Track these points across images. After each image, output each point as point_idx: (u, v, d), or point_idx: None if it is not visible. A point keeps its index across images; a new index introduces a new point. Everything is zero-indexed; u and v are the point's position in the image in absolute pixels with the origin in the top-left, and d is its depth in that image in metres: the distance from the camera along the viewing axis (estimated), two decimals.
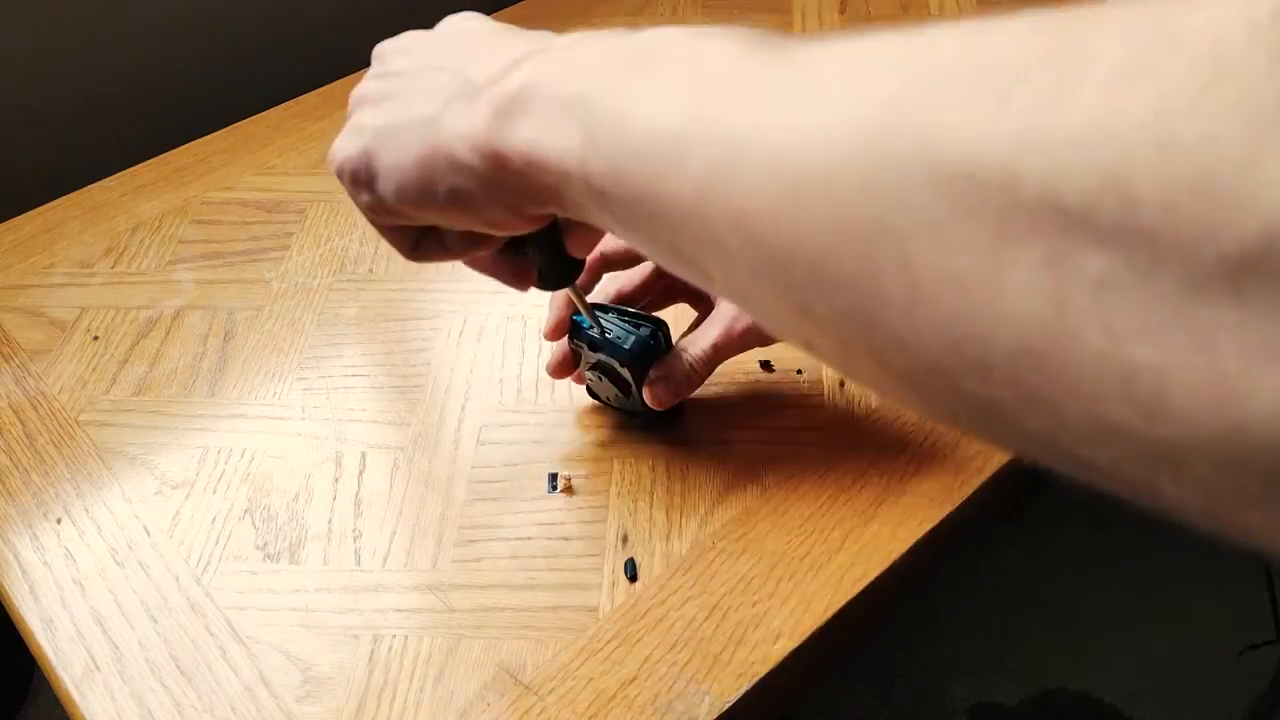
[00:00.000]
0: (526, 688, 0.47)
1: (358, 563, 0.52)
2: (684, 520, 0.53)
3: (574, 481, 0.55)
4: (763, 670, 0.47)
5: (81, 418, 0.61)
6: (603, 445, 0.57)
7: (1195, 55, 0.15)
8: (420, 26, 0.40)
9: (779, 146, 0.21)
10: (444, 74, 0.33)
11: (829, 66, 0.21)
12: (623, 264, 0.55)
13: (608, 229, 0.28)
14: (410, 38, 0.39)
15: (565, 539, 0.53)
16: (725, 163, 0.22)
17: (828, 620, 0.48)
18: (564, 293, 0.55)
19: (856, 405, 0.58)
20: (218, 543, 0.54)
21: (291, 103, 0.87)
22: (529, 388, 0.61)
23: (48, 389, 0.63)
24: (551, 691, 0.47)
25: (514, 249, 0.42)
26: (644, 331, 0.53)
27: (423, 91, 0.33)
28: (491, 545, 0.53)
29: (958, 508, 0.53)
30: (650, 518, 0.54)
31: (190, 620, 0.50)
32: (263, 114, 0.86)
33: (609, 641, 0.48)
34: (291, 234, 0.74)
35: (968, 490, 0.53)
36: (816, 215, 0.20)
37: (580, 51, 0.28)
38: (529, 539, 0.53)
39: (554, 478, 0.56)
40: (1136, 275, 0.15)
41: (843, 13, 0.94)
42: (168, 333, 0.66)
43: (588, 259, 0.45)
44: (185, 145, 0.83)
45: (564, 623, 0.49)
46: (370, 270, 0.70)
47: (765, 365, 0.61)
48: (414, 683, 0.47)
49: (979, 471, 0.54)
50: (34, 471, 0.58)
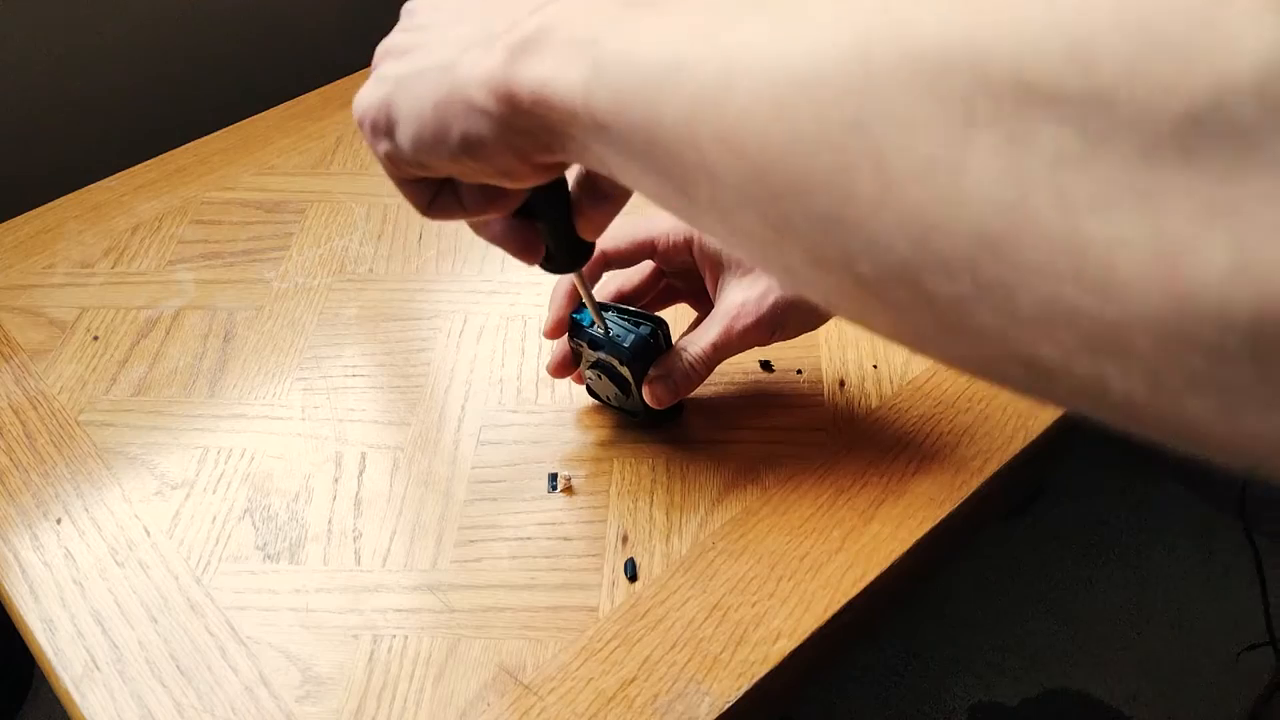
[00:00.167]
0: (526, 688, 0.47)
1: (358, 563, 0.53)
2: (684, 520, 0.53)
3: (574, 481, 0.55)
4: (762, 670, 0.47)
5: (81, 418, 0.61)
6: (603, 445, 0.57)
7: None
8: None
9: (769, 64, 0.21)
10: (467, 25, 0.34)
11: None
12: (623, 263, 0.55)
13: (608, 169, 0.29)
14: None
15: (565, 539, 0.53)
16: (717, 83, 0.23)
17: (828, 620, 0.48)
18: (564, 291, 0.55)
19: (856, 405, 0.58)
20: (218, 543, 0.54)
21: (291, 103, 0.87)
22: (529, 387, 0.61)
23: (48, 389, 0.63)
24: (551, 691, 0.47)
25: (525, 220, 0.42)
26: (644, 330, 0.53)
27: (445, 42, 0.34)
28: (491, 545, 0.53)
29: (958, 508, 0.53)
30: (650, 518, 0.54)
31: (190, 620, 0.50)
32: (262, 114, 0.86)
33: (609, 641, 0.48)
34: (291, 234, 0.74)
35: (968, 490, 0.53)
36: (800, 124, 0.21)
37: None
38: (529, 539, 0.53)
39: (554, 478, 0.56)
40: (1092, 146, 0.16)
41: None
42: (168, 333, 0.67)
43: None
44: (185, 145, 0.83)
45: (564, 623, 0.49)
46: (370, 270, 0.70)
47: (765, 365, 0.61)
48: (414, 683, 0.47)
49: (979, 471, 0.54)
50: (34, 471, 0.58)
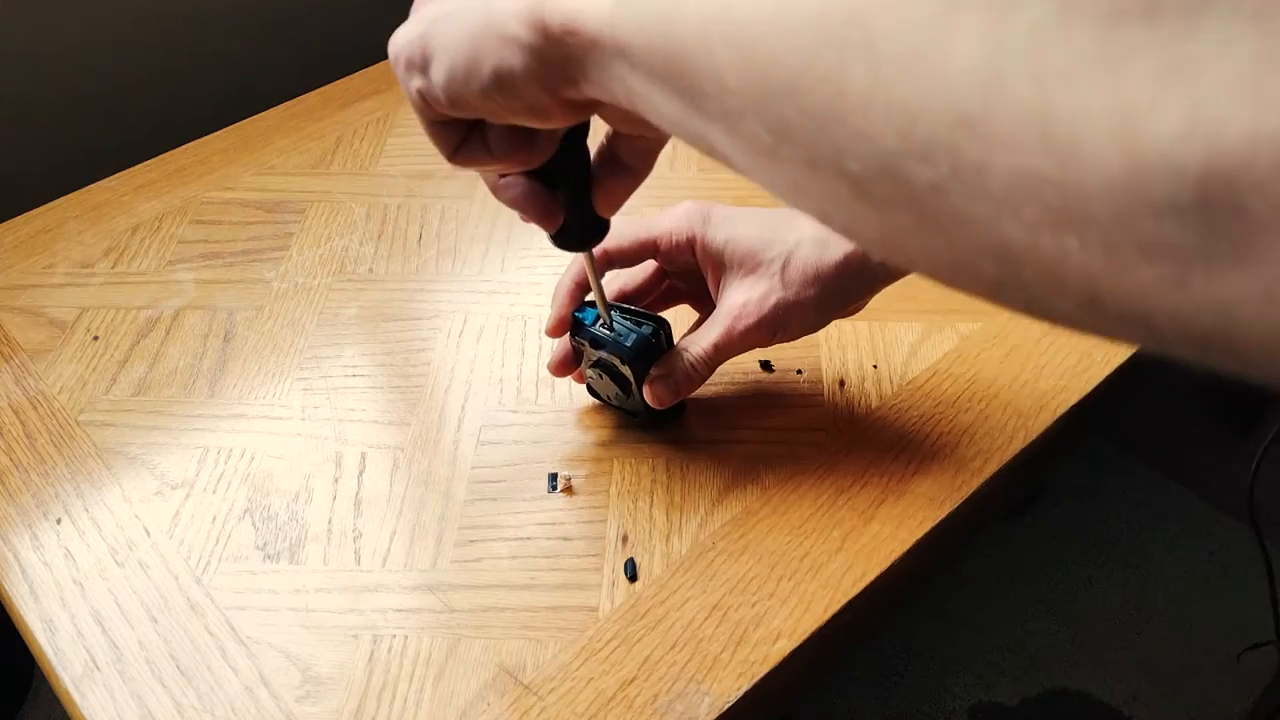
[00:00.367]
0: (526, 688, 0.47)
1: (358, 563, 0.53)
2: (684, 520, 0.53)
3: (574, 481, 0.55)
4: (762, 670, 0.47)
5: (81, 418, 0.61)
6: (603, 445, 0.57)
7: None
8: None
9: None
10: None
11: None
12: (626, 262, 0.55)
13: (628, 94, 0.30)
14: None
15: (565, 539, 0.53)
16: None
17: (827, 620, 0.48)
18: (566, 289, 0.55)
19: (856, 405, 0.58)
20: (217, 543, 0.54)
21: (291, 103, 0.87)
22: (529, 387, 0.61)
23: (48, 389, 0.63)
24: (551, 691, 0.47)
25: (545, 183, 0.42)
26: (646, 329, 0.53)
27: None
28: (491, 545, 0.53)
29: (958, 508, 0.53)
30: (650, 518, 0.54)
31: (190, 620, 0.50)
32: (262, 114, 0.86)
33: (609, 641, 0.48)
34: (291, 234, 0.74)
35: (967, 490, 0.53)
36: (800, 24, 0.22)
37: None
38: (529, 539, 0.53)
39: (554, 478, 0.56)
40: (1064, 14, 0.17)
41: None
42: (168, 333, 0.67)
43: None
44: (185, 145, 0.83)
45: (564, 623, 0.49)
46: (370, 270, 0.70)
47: (765, 365, 0.61)
48: (414, 683, 0.47)
49: (979, 472, 0.54)
50: (34, 471, 0.58)
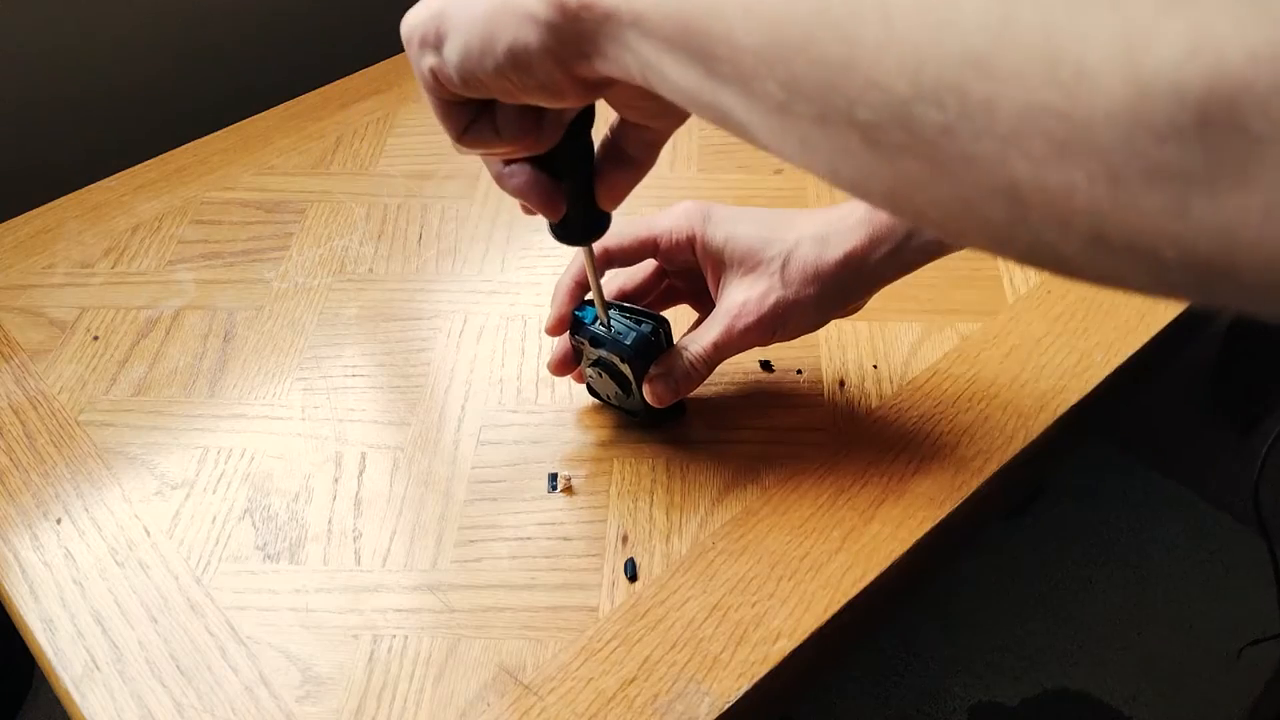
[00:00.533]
0: (526, 688, 0.47)
1: (358, 563, 0.52)
2: (684, 520, 0.53)
3: (574, 481, 0.55)
4: (762, 670, 0.47)
5: (81, 418, 0.61)
6: (603, 445, 0.57)
7: None
8: None
9: None
10: None
11: None
12: (626, 261, 0.55)
13: (641, 66, 0.30)
14: None
15: (565, 539, 0.53)
16: None
17: (828, 620, 0.48)
18: (566, 288, 0.55)
19: (856, 405, 0.58)
20: (217, 543, 0.54)
21: (291, 103, 0.87)
22: (529, 387, 0.61)
23: (48, 389, 0.63)
24: (551, 691, 0.47)
25: (550, 172, 0.42)
26: (645, 328, 0.53)
27: None
28: (491, 545, 0.53)
29: (958, 508, 0.53)
30: (650, 518, 0.54)
31: (190, 620, 0.50)
32: (262, 114, 0.86)
33: (609, 641, 0.48)
34: (291, 234, 0.74)
35: (968, 490, 0.53)
36: None
37: None
38: (529, 539, 0.53)
39: (554, 478, 0.56)
40: None
41: None
42: (168, 333, 0.67)
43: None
44: (185, 145, 0.83)
45: (564, 623, 0.49)
46: (370, 270, 0.70)
47: (765, 365, 0.61)
48: (414, 683, 0.47)
49: (979, 472, 0.54)
50: (34, 471, 0.58)
